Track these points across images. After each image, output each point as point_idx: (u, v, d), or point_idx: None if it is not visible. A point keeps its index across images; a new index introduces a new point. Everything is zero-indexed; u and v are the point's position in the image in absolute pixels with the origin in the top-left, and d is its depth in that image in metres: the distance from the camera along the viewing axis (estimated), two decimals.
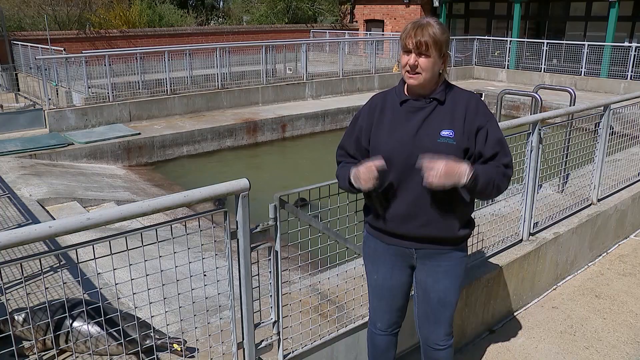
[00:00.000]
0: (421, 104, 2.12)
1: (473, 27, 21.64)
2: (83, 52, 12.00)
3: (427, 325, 2.38)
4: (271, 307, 2.38)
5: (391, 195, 2.16)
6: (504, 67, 18.13)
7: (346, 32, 22.98)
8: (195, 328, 2.32)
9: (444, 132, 2.06)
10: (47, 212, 6.62)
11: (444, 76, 2.16)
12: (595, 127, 4.39)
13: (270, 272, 2.30)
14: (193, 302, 2.10)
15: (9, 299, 3.68)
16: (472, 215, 2.32)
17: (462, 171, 1.97)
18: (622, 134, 4.85)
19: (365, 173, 2.03)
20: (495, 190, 2.10)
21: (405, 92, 2.17)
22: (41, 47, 13.42)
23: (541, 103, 4.78)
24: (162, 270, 1.95)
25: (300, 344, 2.55)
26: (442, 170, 1.93)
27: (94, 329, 2.57)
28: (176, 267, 1.96)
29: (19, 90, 15.39)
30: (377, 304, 2.42)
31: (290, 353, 2.50)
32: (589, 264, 4.46)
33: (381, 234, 2.28)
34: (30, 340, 2.73)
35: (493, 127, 2.12)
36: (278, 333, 2.41)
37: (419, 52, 2.02)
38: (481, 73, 18.55)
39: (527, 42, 17.98)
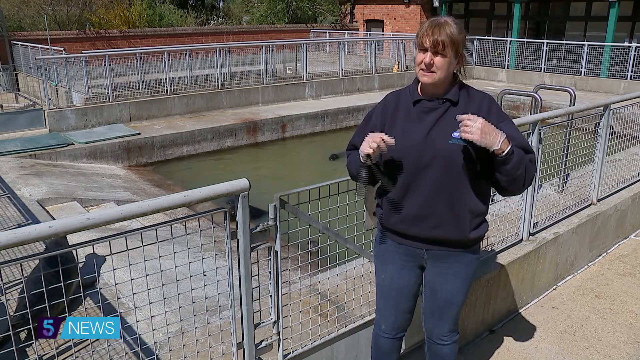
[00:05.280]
0: (434, 105, 2.10)
1: (473, 27, 21.62)
2: (83, 52, 11.99)
3: (432, 321, 2.38)
4: (271, 307, 2.38)
5: (402, 196, 2.14)
6: (504, 67, 18.12)
7: (346, 32, 22.97)
8: (195, 328, 2.32)
9: (456, 134, 2.02)
10: (47, 212, 6.61)
11: (459, 77, 2.14)
12: (595, 127, 4.39)
13: (270, 272, 2.30)
14: (193, 302, 2.10)
15: (9, 299, 3.68)
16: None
17: (499, 134, 1.94)
18: (622, 134, 4.85)
19: (371, 138, 1.98)
20: (526, 173, 2.03)
21: (419, 92, 2.15)
22: (41, 47, 13.41)
23: (541, 103, 4.78)
24: (162, 270, 1.94)
25: (300, 344, 2.55)
26: (481, 125, 1.91)
27: None
28: (176, 267, 1.96)
29: (19, 90, 15.37)
30: (384, 304, 2.41)
31: (290, 353, 2.50)
32: (589, 264, 4.46)
33: (392, 234, 2.26)
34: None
35: (509, 126, 2.08)
36: (278, 333, 2.41)
37: (435, 51, 2.00)
38: (481, 73, 18.54)
39: (527, 42, 17.96)
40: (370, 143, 1.98)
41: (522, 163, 2.00)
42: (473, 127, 1.91)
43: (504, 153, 1.95)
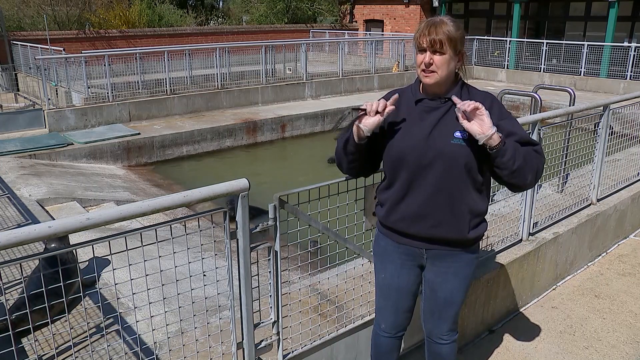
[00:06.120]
0: (436, 104, 2.10)
1: (473, 27, 21.63)
2: (82, 52, 11.99)
3: (431, 320, 2.38)
4: (271, 307, 2.38)
5: (403, 195, 2.14)
6: (504, 67, 18.13)
7: (346, 32, 22.97)
8: (195, 328, 2.32)
9: (458, 134, 2.03)
10: (47, 212, 6.61)
11: (461, 75, 2.13)
12: (594, 127, 4.39)
13: (269, 272, 2.30)
14: (193, 302, 2.09)
15: (8, 299, 3.68)
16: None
17: (491, 124, 1.94)
18: (622, 134, 4.85)
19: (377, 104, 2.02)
20: (527, 164, 2.01)
21: (421, 91, 2.15)
22: (41, 47, 13.40)
23: (541, 103, 4.78)
24: (161, 271, 1.94)
25: (300, 344, 2.55)
26: (475, 105, 1.92)
27: None
28: (176, 267, 1.96)
29: (18, 90, 15.38)
30: (383, 304, 2.41)
31: (289, 353, 2.50)
32: (589, 264, 4.46)
33: (391, 233, 2.26)
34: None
35: (511, 123, 2.08)
36: (278, 333, 2.41)
37: (434, 50, 2.00)
38: (481, 73, 18.55)
39: (526, 42, 17.98)
40: (374, 103, 2.01)
41: (518, 155, 1.99)
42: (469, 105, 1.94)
43: (497, 144, 1.95)
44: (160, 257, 1.86)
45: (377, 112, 2.03)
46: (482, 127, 1.94)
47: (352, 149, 2.13)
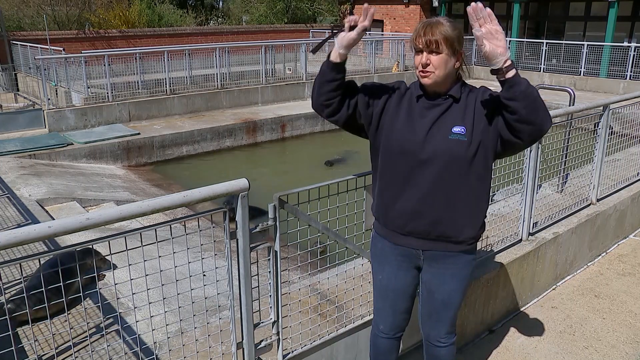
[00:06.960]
0: (437, 101, 2.10)
1: None
2: (82, 52, 11.99)
3: (429, 323, 2.37)
4: (270, 307, 2.38)
5: (401, 191, 2.13)
6: None
7: None
8: (195, 328, 2.32)
9: (455, 129, 2.03)
10: (47, 212, 6.62)
11: (462, 74, 2.13)
12: (594, 127, 4.39)
13: (269, 272, 2.30)
14: (192, 302, 2.10)
15: (8, 299, 3.67)
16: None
17: (506, 45, 1.93)
18: (622, 134, 4.85)
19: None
20: (538, 102, 1.93)
21: (422, 89, 2.15)
22: (40, 47, 13.41)
23: None
24: (161, 271, 1.94)
25: (300, 344, 2.55)
26: (489, 11, 1.93)
27: None
28: (175, 267, 1.96)
29: (18, 90, 15.39)
30: (381, 305, 2.41)
31: (289, 353, 2.50)
32: (589, 264, 4.46)
33: (388, 233, 2.25)
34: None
35: None
36: (277, 333, 2.41)
37: (430, 50, 2.00)
38: (481, 73, 18.50)
39: (526, 42, 17.98)
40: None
41: (529, 86, 1.93)
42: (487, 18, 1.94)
43: (509, 64, 1.93)
44: (160, 257, 1.86)
45: (350, 28, 2.17)
46: (500, 47, 1.92)
47: (326, 69, 2.30)
